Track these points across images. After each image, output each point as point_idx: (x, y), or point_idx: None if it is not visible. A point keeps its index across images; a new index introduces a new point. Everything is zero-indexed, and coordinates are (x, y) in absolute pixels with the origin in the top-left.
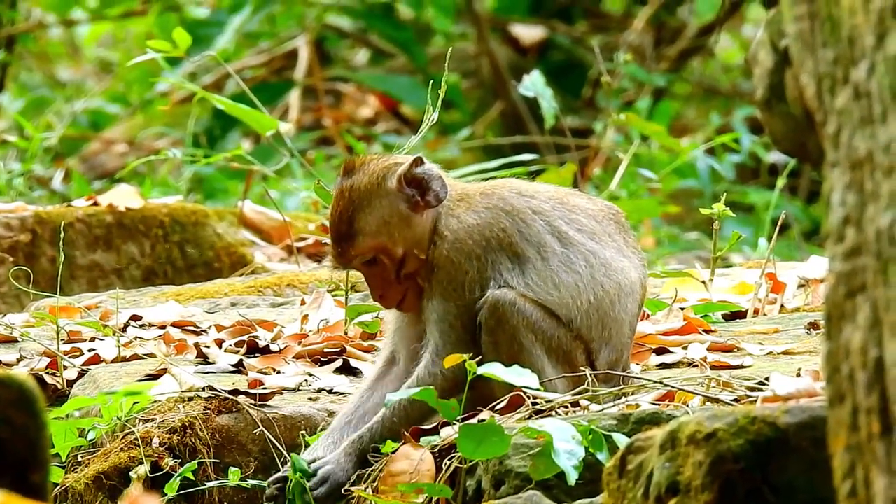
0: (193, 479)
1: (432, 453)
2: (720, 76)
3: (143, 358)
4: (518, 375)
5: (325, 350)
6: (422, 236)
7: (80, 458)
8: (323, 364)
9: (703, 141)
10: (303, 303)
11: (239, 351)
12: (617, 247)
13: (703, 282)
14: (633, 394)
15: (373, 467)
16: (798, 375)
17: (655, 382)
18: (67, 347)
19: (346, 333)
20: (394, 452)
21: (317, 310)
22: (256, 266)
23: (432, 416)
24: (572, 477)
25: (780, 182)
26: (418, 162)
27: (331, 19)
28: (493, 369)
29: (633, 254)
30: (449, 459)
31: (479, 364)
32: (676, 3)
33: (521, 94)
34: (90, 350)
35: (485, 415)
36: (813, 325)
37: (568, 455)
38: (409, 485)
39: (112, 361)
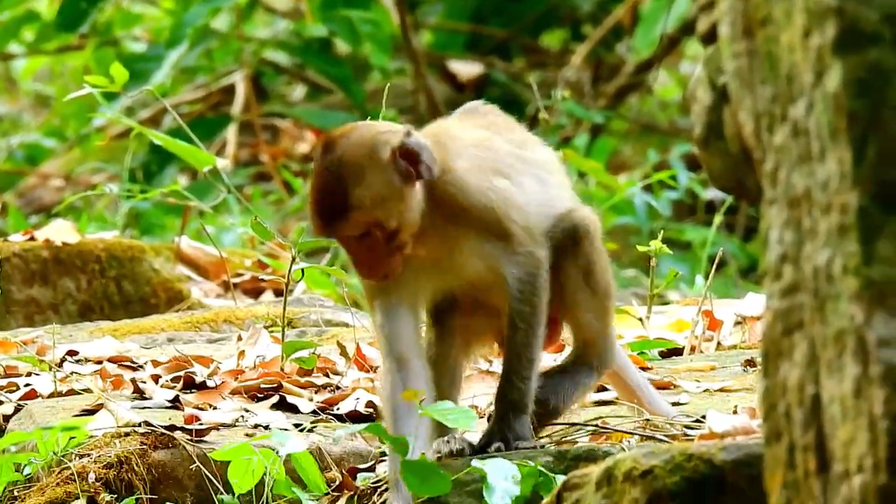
0: None
1: (369, 489)
2: (658, 113)
3: (80, 393)
4: (459, 415)
5: (262, 386)
6: (415, 206)
7: (16, 493)
8: (259, 400)
9: (641, 178)
10: (239, 338)
11: (175, 386)
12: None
13: (640, 319)
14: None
15: None
16: (735, 413)
17: (596, 427)
18: (3, 382)
19: (282, 369)
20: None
21: (253, 346)
22: (193, 302)
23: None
24: None
25: (718, 219)
26: (408, 133)
27: (268, 55)
28: (436, 408)
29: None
30: (381, 494)
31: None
32: (614, 40)
33: None
34: (26, 385)
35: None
36: (750, 363)
37: (502, 494)
38: None
39: (48, 396)
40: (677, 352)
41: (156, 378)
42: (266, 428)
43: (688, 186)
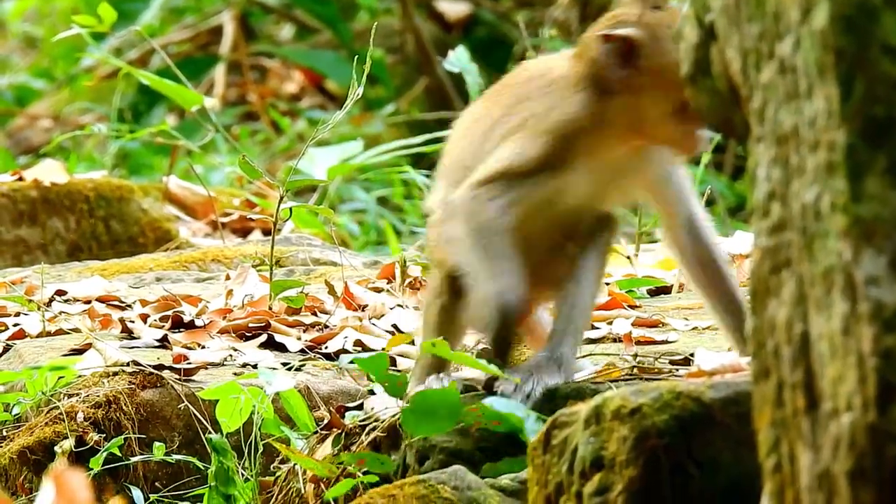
0: (119, 453)
1: (358, 428)
2: None
3: (68, 333)
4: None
5: (250, 325)
6: None
7: (4, 433)
8: (248, 339)
9: None
10: (227, 278)
11: (164, 326)
12: None
13: (628, 257)
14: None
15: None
16: (725, 351)
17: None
18: None
19: (270, 308)
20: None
21: (241, 285)
22: (181, 241)
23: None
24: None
25: (705, 158)
26: None
27: None
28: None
29: None
30: (370, 433)
31: None
32: None
33: (446, 70)
34: (15, 325)
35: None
36: None
37: (532, 431)
38: (352, 455)
39: (37, 336)
40: (666, 290)
41: (144, 317)
42: (254, 367)
43: None
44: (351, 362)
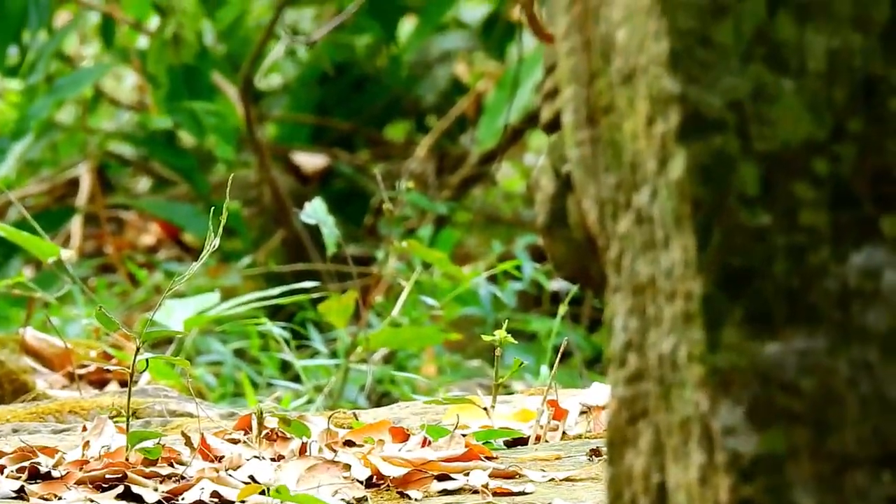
0: None
1: None
2: (502, 204)
3: None
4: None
5: (107, 476)
6: None
7: None
8: (104, 490)
9: (485, 268)
10: (84, 429)
11: (21, 477)
12: None
13: (485, 408)
14: None
15: None
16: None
17: None
18: None
19: (127, 459)
20: None
21: (98, 436)
22: (38, 393)
23: None
24: None
25: (562, 310)
26: None
27: (113, 147)
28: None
29: None
30: None
31: None
32: (459, 131)
33: (303, 222)
34: None
35: None
36: (595, 452)
37: None
38: None
39: None
40: (522, 441)
41: (1, 469)
42: None
43: (532, 277)
44: None
